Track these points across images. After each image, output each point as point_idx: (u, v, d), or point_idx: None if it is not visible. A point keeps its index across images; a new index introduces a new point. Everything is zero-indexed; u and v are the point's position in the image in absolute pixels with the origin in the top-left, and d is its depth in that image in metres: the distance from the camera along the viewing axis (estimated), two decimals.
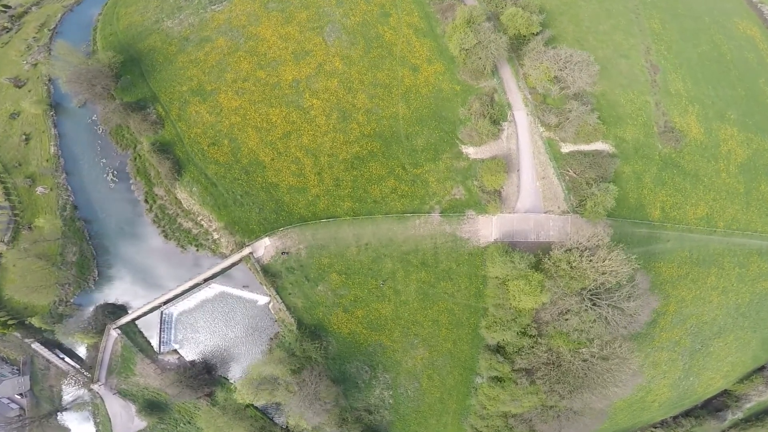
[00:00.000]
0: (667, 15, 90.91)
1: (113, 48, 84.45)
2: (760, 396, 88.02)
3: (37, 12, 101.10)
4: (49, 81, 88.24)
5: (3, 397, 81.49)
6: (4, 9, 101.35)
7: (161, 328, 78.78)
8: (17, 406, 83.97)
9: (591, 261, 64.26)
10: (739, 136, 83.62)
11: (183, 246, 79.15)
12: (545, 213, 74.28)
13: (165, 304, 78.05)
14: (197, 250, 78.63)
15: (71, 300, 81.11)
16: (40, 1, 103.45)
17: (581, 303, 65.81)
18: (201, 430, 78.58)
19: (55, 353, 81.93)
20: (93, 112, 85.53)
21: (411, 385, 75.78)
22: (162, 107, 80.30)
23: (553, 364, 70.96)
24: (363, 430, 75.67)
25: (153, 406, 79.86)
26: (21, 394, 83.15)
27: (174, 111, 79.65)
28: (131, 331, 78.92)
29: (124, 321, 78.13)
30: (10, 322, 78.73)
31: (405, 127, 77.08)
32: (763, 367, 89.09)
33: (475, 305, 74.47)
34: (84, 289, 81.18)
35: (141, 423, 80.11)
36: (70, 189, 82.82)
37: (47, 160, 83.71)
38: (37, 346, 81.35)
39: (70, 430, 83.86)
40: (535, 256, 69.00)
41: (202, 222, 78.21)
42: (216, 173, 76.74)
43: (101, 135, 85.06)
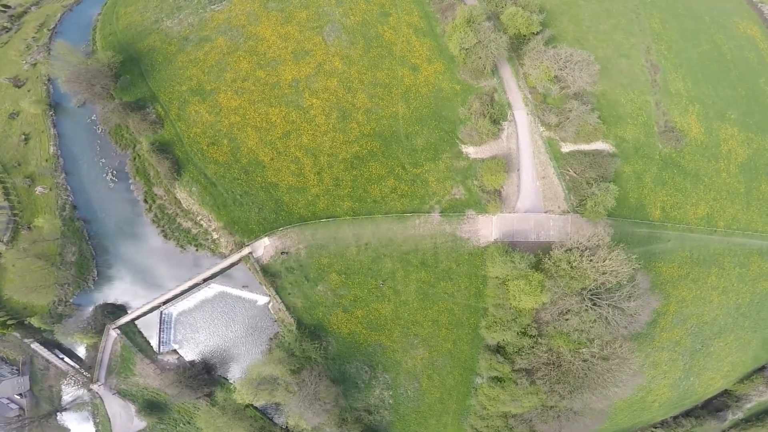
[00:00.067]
0: (668, 15, 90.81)
1: (113, 48, 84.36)
2: (760, 396, 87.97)
3: (37, 12, 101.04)
4: (48, 81, 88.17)
5: (2, 397, 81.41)
6: (3, 9, 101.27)
7: (161, 328, 78.69)
8: (17, 406, 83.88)
9: (591, 261, 64.16)
10: (739, 135, 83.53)
11: (182, 246, 79.07)
12: (545, 213, 74.16)
13: (164, 304, 77.94)
14: (197, 249, 78.56)
15: (70, 300, 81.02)
16: (40, 0, 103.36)
17: (581, 303, 65.70)
18: (200, 430, 78.47)
19: (54, 353, 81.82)
20: (92, 112, 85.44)
21: (411, 386, 75.66)
22: (161, 107, 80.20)
23: (554, 364, 70.84)
24: (363, 431, 75.55)
25: (152, 406, 79.77)
26: (20, 394, 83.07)
27: (173, 111, 79.56)
28: (131, 331, 78.81)
29: (123, 321, 78.02)
30: (10, 322, 78.65)
31: (405, 126, 76.96)
32: (763, 367, 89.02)
33: (475, 305, 74.35)
34: (83, 289, 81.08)
35: (140, 423, 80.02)
36: (69, 189, 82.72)
37: (46, 160, 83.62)
38: (36, 346, 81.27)
39: (69, 430, 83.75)
40: (536, 256, 68.90)
41: (202, 222, 78.13)
42: (215, 173, 76.63)
43: (100, 135, 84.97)
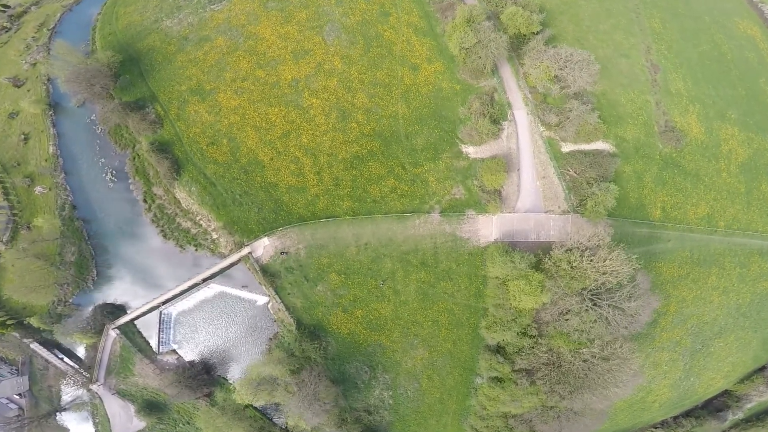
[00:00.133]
0: (668, 14, 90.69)
1: (112, 47, 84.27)
2: (760, 396, 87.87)
3: (37, 12, 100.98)
4: (48, 80, 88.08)
5: (2, 397, 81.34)
6: (3, 9, 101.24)
7: (160, 328, 78.60)
8: (16, 407, 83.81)
9: (592, 261, 64.03)
10: (739, 135, 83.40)
11: (182, 246, 78.97)
12: (545, 212, 74.04)
13: (164, 304, 77.85)
14: (196, 249, 78.46)
15: (70, 300, 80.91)
16: (40, 0, 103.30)
17: (582, 303, 65.58)
18: (200, 430, 78.40)
19: (53, 353, 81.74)
20: (92, 112, 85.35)
21: (411, 386, 75.54)
22: (161, 107, 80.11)
23: (554, 364, 70.72)
24: (362, 431, 75.42)
25: (152, 407, 79.67)
26: (20, 395, 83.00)
27: (173, 110, 79.47)
28: (130, 332, 78.72)
29: (122, 321, 77.92)
30: (9, 322, 78.56)
31: (405, 126, 76.86)
32: (763, 367, 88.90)
33: (475, 305, 74.23)
34: (83, 289, 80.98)
35: (140, 423, 79.93)
36: (68, 188, 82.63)
37: (46, 160, 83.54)
38: (35, 346, 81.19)
39: (69, 430, 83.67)
40: (536, 256, 68.77)
41: (201, 222, 78.03)
42: (215, 173, 76.53)
43: (100, 134, 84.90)
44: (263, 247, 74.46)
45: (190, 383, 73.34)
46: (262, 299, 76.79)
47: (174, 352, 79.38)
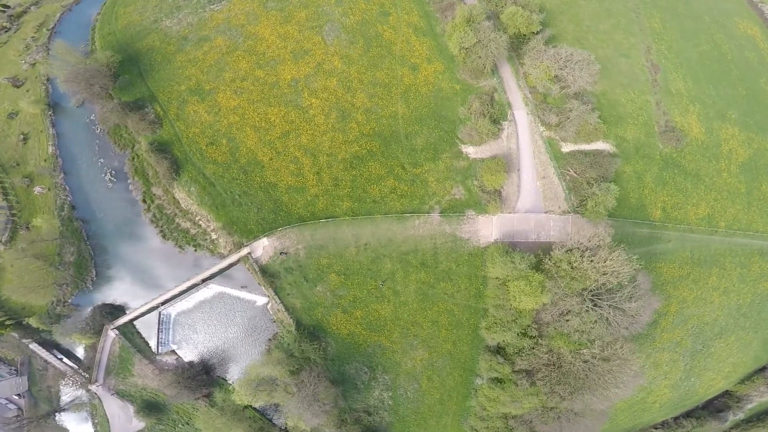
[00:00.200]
0: (668, 14, 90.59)
1: (112, 47, 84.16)
2: (761, 396, 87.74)
3: (36, 12, 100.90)
4: (47, 81, 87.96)
5: (1, 397, 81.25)
6: (3, 9, 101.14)
7: (159, 329, 78.41)
8: (15, 407, 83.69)
9: (592, 261, 63.87)
10: (740, 135, 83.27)
11: (181, 246, 78.82)
12: (546, 213, 73.88)
13: (163, 304, 77.67)
14: (195, 250, 78.32)
15: (69, 300, 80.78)
16: (39, 0, 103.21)
17: (582, 304, 65.42)
18: (199, 430, 78.12)
19: (52, 354, 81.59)
20: (91, 112, 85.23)
21: (410, 387, 75.36)
22: (160, 107, 79.97)
23: (554, 365, 70.54)
24: None
25: (151, 407, 79.49)
26: (19, 395, 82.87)
27: (172, 110, 79.34)
28: (129, 332, 78.54)
29: (122, 321, 77.75)
30: (8, 323, 78.44)
31: (404, 126, 76.71)
32: (764, 368, 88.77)
33: (475, 306, 74.06)
34: (82, 289, 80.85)
35: (139, 424, 79.74)
36: (68, 189, 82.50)
37: (45, 160, 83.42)
38: (34, 347, 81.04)
39: (68, 430, 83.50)
40: (536, 257, 68.62)
41: (200, 222, 77.88)
42: (214, 173, 76.39)
43: (99, 135, 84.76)
44: (262, 247, 74.29)
45: (190, 384, 73.17)
46: (261, 300, 76.62)
47: (173, 352, 79.21)
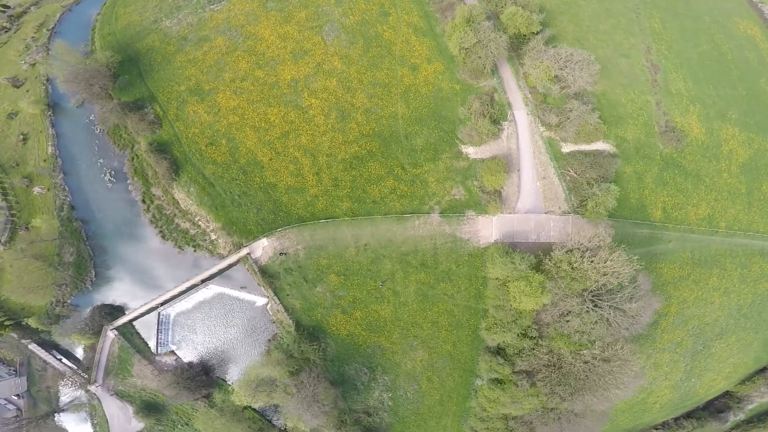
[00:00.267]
0: (668, 14, 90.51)
1: (111, 48, 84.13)
2: (762, 397, 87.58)
3: (36, 12, 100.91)
4: (47, 81, 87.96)
5: (0, 398, 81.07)
6: (3, 9, 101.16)
7: (158, 329, 78.26)
8: (14, 407, 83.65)
9: (592, 262, 63.73)
10: (740, 136, 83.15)
11: (180, 246, 78.71)
12: (546, 213, 73.75)
13: (162, 305, 77.54)
14: (195, 250, 78.21)
15: (68, 301, 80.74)
16: (39, 1, 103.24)
17: (582, 304, 65.27)
18: (199, 431, 77.99)
19: (52, 354, 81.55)
20: (91, 112, 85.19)
21: (410, 387, 75.19)
22: (160, 107, 79.91)
23: (554, 366, 70.38)
24: None
25: (150, 408, 79.33)
26: (18, 395, 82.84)
27: (172, 111, 79.27)
28: (128, 332, 78.40)
29: (121, 322, 77.61)
30: (7, 323, 78.37)
31: (404, 126, 76.61)
32: (765, 368, 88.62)
33: (475, 307, 73.91)
34: (81, 289, 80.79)
35: (138, 424, 79.60)
36: (67, 189, 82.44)
37: (45, 160, 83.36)
38: (34, 347, 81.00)
39: (67, 431, 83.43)
40: (536, 257, 68.48)
41: (200, 222, 77.76)
42: (214, 173, 76.29)
43: (99, 135, 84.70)
44: (262, 248, 74.17)
45: (189, 384, 73.02)
46: (260, 300, 76.48)
47: (172, 353, 79.06)
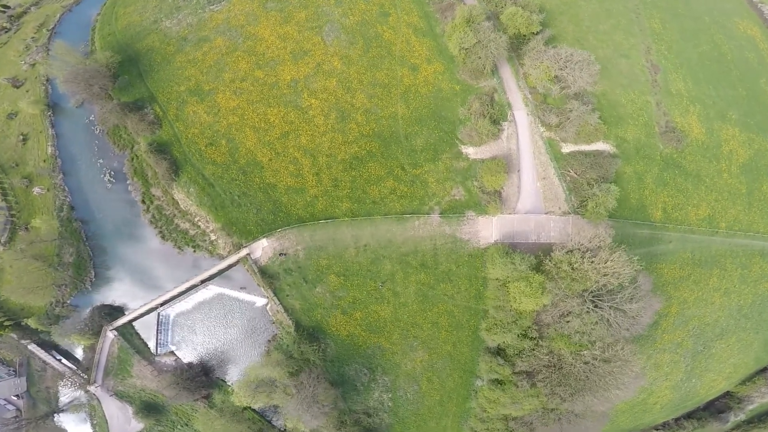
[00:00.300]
0: (668, 15, 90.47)
1: (111, 48, 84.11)
2: (762, 397, 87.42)
3: (36, 12, 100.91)
4: (47, 81, 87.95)
5: (0, 398, 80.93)
6: (3, 9, 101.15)
7: (158, 330, 78.14)
8: (14, 408, 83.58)
9: (592, 262, 63.64)
10: (740, 136, 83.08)
11: (180, 247, 78.63)
12: (546, 214, 73.67)
13: (162, 305, 77.45)
14: (194, 251, 78.14)
15: (68, 301, 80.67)
16: (39, 1, 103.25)
17: (583, 305, 65.18)
18: None
19: (51, 354, 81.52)
20: (90, 113, 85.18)
21: (410, 388, 75.09)
22: (159, 107, 79.87)
23: (555, 366, 70.29)
24: None
25: (150, 408, 79.22)
26: (17, 396, 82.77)
27: (171, 111, 79.24)
28: (128, 333, 78.31)
29: (120, 322, 77.52)
30: (7, 323, 78.32)
31: (404, 127, 76.56)
32: (765, 369, 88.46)
33: (475, 307, 73.82)
34: (81, 290, 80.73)
35: (138, 425, 79.49)
36: (67, 189, 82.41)
37: (44, 161, 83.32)
38: (33, 348, 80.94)
39: (66, 431, 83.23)
40: (536, 258, 68.38)
41: (200, 223, 77.69)
42: (213, 174, 76.24)
43: (98, 135, 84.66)
44: (262, 248, 74.09)
45: (189, 385, 72.93)
46: (260, 301, 76.40)
47: (172, 353, 78.96)
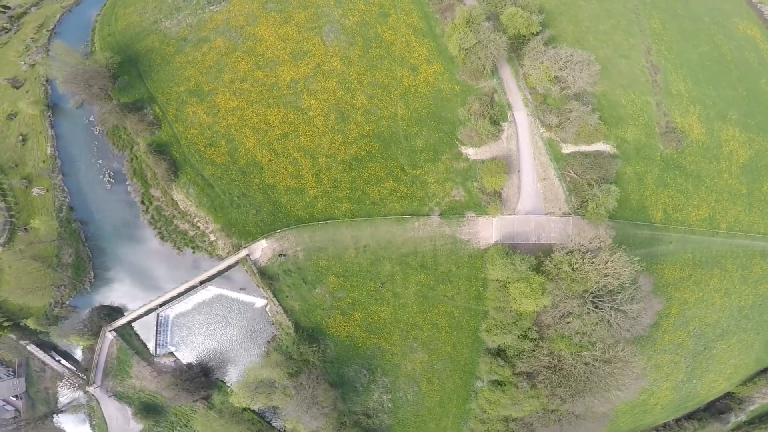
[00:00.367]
0: (667, 15, 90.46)
1: (111, 49, 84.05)
2: (763, 398, 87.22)
3: (36, 13, 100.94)
4: (46, 81, 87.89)
5: None
6: (3, 10, 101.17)
7: (157, 331, 78.01)
8: (12, 408, 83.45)
9: (593, 263, 63.51)
10: (740, 136, 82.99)
11: (179, 248, 78.49)
12: (546, 214, 73.55)
13: (161, 306, 77.34)
14: (194, 251, 78.02)
15: (67, 302, 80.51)
16: (39, 1, 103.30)
17: (583, 306, 65.03)
18: None
19: (50, 355, 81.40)
20: (90, 113, 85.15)
21: (410, 389, 74.89)
22: (159, 108, 79.80)
23: (555, 367, 70.12)
24: None
25: (149, 409, 79.02)
26: (16, 396, 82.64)
27: (171, 112, 79.16)
28: (127, 334, 78.19)
29: (119, 323, 77.37)
30: (6, 324, 78.20)
31: (404, 127, 76.48)
32: (766, 369, 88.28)
33: (475, 308, 73.65)
34: (80, 290, 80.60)
35: (137, 426, 79.29)
36: (66, 190, 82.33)
37: (44, 161, 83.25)
38: (32, 348, 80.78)
39: None
40: (536, 258, 68.24)
41: (199, 224, 77.56)
42: (213, 174, 76.14)
43: (98, 136, 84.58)
44: (261, 249, 73.96)
45: (188, 386, 72.73)
46: (260, 302, 76.25)
47: (171, 354, 78.79)
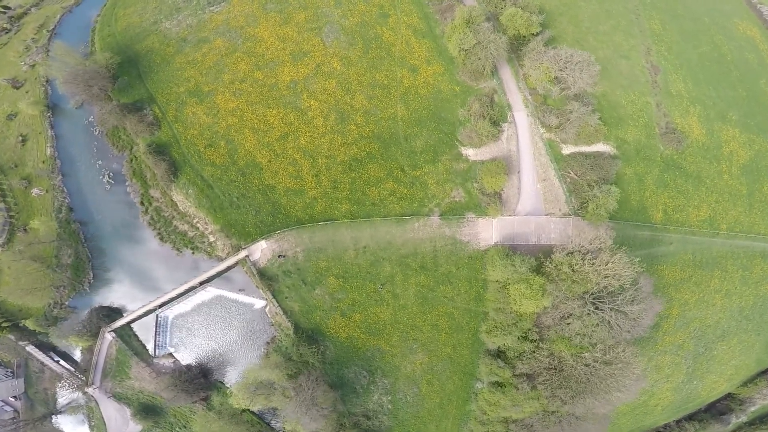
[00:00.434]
0: (667, 16, 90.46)
1: (111, 49, 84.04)
2: (764, 399, 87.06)
3: (36, 13, 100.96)
4: (46, 82, 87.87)
5: None
6: (3, 10, 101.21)
7: (157, 332, 77.83)
8: (11, 409, 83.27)
9: (593, 264, 63.34)
10: (741, 137, 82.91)
11: (179, 249, 78.33)
12: (546, 215, 73.42)
13: (160, 307, 77.19)
14: (193, 252, 77.85)
15: (66, 303, 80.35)
16: (40, 2, 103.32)
17: (583, 307, 64.86)
18: None
19: (49, 356, 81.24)
20: (90, 114, 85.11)
21: (410, 391, 74.68)
22: (159, 108, 79.75)
23: (555, 369, 69.93)
24: None
25: (148, 410, 78.83)
26: (15, 397, 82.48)
27: (171, 112, 79.12)
28: (126, 335, 78.04)
29: (119, 324, 77.23)
30: (5, 325, 78.04)
31: (404, 128, 76.39)
32: (766, 370, 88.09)
33: (475, 309, 73.48)
34: (79, 291, 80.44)
35: (136, 427, 79.08)
36: (65, 191, 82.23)
37: (43, 162, 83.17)
38: (31, 349, 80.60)
39: None
40: (537, 260, 68.13)
41: (198, 224, 77.41)
42: (212, 175, 76.05)
43: (98, 136, 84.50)
44: (261, 250, 73.83)
45: (187, 387, 72.58)
46: (259, 303, 76.08)
47: (170, 355, 78.60)
